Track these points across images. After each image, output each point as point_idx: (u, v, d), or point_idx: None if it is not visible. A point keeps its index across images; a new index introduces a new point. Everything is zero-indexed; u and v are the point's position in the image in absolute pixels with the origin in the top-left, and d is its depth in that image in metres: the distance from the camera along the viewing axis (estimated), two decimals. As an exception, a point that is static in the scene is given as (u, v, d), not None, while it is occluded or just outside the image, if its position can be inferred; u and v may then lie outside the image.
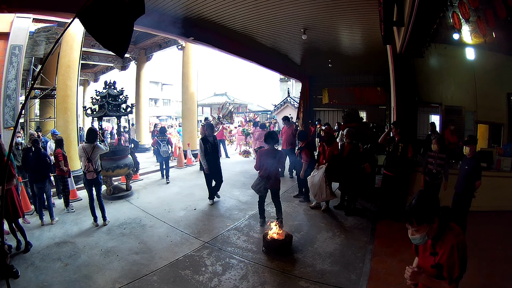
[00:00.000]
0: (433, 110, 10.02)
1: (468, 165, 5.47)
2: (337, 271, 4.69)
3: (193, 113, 15.73)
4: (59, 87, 10.09)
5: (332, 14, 8.33)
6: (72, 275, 4.58)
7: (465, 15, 6.06)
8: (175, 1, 7.64)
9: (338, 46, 11.76)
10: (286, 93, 26.11)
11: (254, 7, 8.08)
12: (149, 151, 17.88)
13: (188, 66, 15.53)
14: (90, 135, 6.69)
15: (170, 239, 5.84)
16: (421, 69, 8.77)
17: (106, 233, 6.17)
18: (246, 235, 6.04)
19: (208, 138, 8.01)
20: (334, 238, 5.87)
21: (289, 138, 10.68)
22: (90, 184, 6.58)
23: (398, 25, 5.35)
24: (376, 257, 5.11)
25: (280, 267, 4.84)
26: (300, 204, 7.88)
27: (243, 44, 11.58)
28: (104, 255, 5.21)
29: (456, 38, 7.98)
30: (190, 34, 9.41)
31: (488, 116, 9.08)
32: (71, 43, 9.99)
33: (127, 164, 8.60)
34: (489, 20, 6.18)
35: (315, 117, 19.80)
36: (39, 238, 5.88)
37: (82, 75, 22.89)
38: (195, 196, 8.68)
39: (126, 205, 7.97)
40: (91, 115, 8.56)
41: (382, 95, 17.73)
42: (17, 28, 8.74)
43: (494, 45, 8.03)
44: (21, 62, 8.92)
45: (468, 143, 5.56)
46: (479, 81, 8.90)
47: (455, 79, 9.15)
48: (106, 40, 2.88)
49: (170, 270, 4.76)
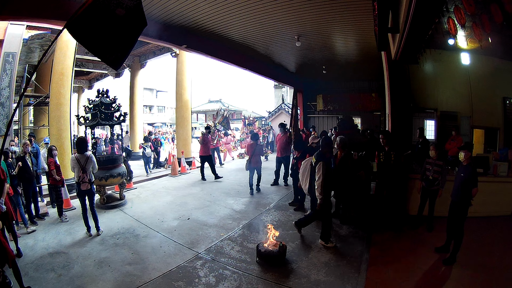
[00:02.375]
0: (429, 115, 10.03)
1: (464, 172, 5.26)
2: (332, 282, 4.63)
3: (187, 120, 15.69)
4: (52, 95, 10.00)
5: (325, 21, 8.35)
6: (65, 286, 4.53)
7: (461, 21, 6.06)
8: (168, 8, 7.64)
9: (332, 52, 11.79)
10: (281, 99, 26.05)
11: (247, 15, 8.10)
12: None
13: (182, 74, 15.53)
14: (80, 145, 6.62)
15: (163, 250, 5.76)
16: (416, 75, 8.76)
17: (99, 243, 6.09)
18: (240, 245, 5.96)
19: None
20: (328, 248, 5.79)
21: (283, 146, 10.65)
22: (84, 195, 6.50)
23: (393, 32, 5.31)
24: (372, 267, 5.05)
25: (274, 278, 4.76)
26: (294, 213, 7.81)
27: (237, 51, 11.62)
28: (97, 266, 5.15)
29: (452, 43, 8.00)
30: (183, 42, 9.41)
31: (484, 121, 9.11)
32: (65, 50, 9.92)
33: (120, 173, 8.52)
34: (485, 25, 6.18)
35: (310, 124, 19.83)
36: (32, 248, 5.82)
37: (76, 82, 22.97)
38: (189, 205, 8.61)
39: (119, 214, 7.88)
40: (84, 124, 8.49)
41: (377, 101, 17.88)
42: (11, 35, 8.70)
43: (489, 50, 8.07)
44: (14, 69, 8.88)
45: (464, 148, 5.41)
46: (474, 86, 8.92)
47: (451, 85, 9.17)
48: (100, 51, 2.83)
49: (163, 281, 4.68)
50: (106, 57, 2.88)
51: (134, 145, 18.00)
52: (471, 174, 5.15)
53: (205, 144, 12.23)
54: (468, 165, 5.27)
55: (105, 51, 2.86)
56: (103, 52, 2.86)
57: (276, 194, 9.78)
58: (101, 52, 2.86)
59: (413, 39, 4.83)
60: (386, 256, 5.40)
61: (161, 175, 13.19)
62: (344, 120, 10.32)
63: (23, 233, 6.50)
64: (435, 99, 9.26)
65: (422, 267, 5.00)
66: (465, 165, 5.30)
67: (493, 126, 9.20)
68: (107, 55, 2.88)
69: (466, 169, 5.24)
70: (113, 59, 2.92)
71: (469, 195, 5.18)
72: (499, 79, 8.83)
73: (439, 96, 9.24)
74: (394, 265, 5.05)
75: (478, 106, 8.96)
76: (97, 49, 2.83)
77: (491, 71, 8.71)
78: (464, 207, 5.16)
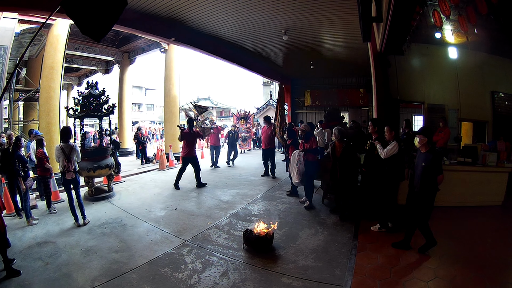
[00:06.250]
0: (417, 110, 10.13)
1: (424, 160, 4.85)
2: (320, 267, 4.65)
3: (175, 116, 15.69)
4: (42, 89, 10.01)
5: (312, 14, 8.39)
6: (52, 274, 4.52)
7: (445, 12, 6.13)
8: (156, 2, 7.62)
9: (319, 47, 11.82)
10: (269, 96, 26.26)
11: (234, 9, 8.14)
12: (132, 154, 17.95)
13: (170, 69, 15.57)
14: (65, 133, 6.67)
15: (150, 238, 5.78)
16: (404, 68, 8.85)
17: (87, 232, 6.09)
18: (227, 233, 5.99)
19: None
20: (316, 235, 5.84)
21: (268, 138, 10.89)
22: (69, 184, 6.53)
23: (377, 21, 5.36)
24: (361, 253, 5.08)
25: (261, 263, 4.78)
26: (282, 203, 7.90)
27: (225, 46, 11.60)
28: (84, 254, 5.15)
29: (438, 37, 8.09)
30: (171, 35, 9.41)
31: (472, 114, 9.20)
32: (55, 44, 9.95)
33: (108, 164, 8.52)
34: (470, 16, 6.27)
35: (298, 119, 19.86)
36: (21, 239, 5.81)
37: (66, 78, 23.00)
38: (176, 196, 8.67)
39: (107, 205, 7.88)
40: (73, 116, 8.46)
41: (364, 97, 18.09)
42: (3, 28, 8.71)
43: (477, 44, 8.17)
44: (6, 63, 8.85)
45: (418, 133, 4.99)
46: (462, 80, 9.01)
47: (438, 78, 9.26)
48: (85, 25, 2.91)
49: (149, 268, 4.69)
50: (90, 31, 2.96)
51: (122, 141, 18.07)
52: (432, 161, 4.77)
53: (190, 143, 9.68)
54: (427, 152, 4.88)
55: (91, 25, 2.93)
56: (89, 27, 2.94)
57: (263, 185, 9.88)
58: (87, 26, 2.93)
59: (397, 28, 4.87)
60: (375, 243, 5.44)
61: (149, 169, 13.23)
62: (330, 112, 10.39)
63: (23, 226, 6.50)
64: (422, 92, 9.34)
65: (412, 253, 5.00)
66: (424, 152, 4.93)
67: (481, 120, 9.31)
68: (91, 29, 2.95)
69: (427, 156, 4.85)
70: (97, 33, 2.99)
71: (433, 184, 4.81)
72: (488, 74, 8.95)
73: (427, 89, 9.31)
74: (383, 251, 5.09)
75: (466, 99, 9.05)
76: (84, 23, 2.90)
77: (479, 65, 8.82)
78: (427, 198, 4.87)
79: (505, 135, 8.39)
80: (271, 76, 18.22)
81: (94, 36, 2.94)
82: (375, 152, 6.09)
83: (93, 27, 2.92)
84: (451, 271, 4.40)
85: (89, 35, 2.94)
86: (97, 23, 2.90)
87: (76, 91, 16.83)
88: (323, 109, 19.08)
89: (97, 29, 2.93)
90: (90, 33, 2.92)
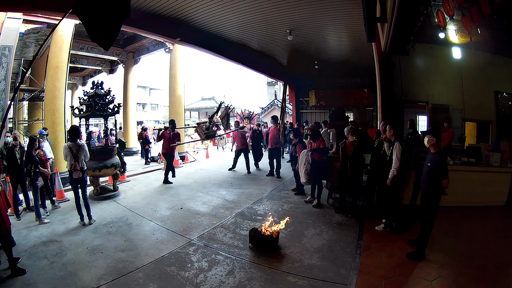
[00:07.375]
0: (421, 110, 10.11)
1: (430, 161, 4.80)
2: (325, 266, 4.67)
3: (180, 116, 15.72)
4: (47, 88, 10.06)
5: (316, 14, 8.41)
6: (57, 272, 4.53)
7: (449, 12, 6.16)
8: (162, 2, 7.65)
9: (324, 47, 11.85)
10: (273, 96, 26.28)
11: (239, 9, 8.17)
12: (137, 154, 17.99)
13: (175, 69, 15.59)
14: (73, 132, 6.69)
15: (156, 237, 5.80)
16: (408, 68, 8.84)
17: (92, 231, 6.11)
18: (233, 232, 6.02)
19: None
20: (321, 234, 5.86)
21: (274, 138, 10.96)
22: (76, 183, 6.53)
23: (382, 21, 5.37)
24: (366, 252, 5.10)
25: (267, 262, 4.81)
26: (287, 202, 7.92)
27: (230, 46, 11.63)
28: (90, 253, 5.17)
29: (442, 37, 8.08)
30: (177, 35, 9.44)
31: (476, 114, 9.19)
32: (60, 44, 9.97)
33: (113, 163, 8.54)
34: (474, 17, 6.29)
35: (302, 119, 19.94)
36: (26, 238, 5.83)
37: (71, 78, 22.93)
38: (182, 196, 8.68)
39: (113, 205, 7.91)
40: (79, 115, 8.49)
41: (369, 97, 18.08)
42: (7, 28, 8.72)
43: (481, 44, 8.17)
44: (10, 62, 8.88)
45: (428, 133, 4.90)
46: (466, 80, 9.00)
47: (442, 78, 9.25)
48: (95, 33, 2.98)
49: (155, 266, 4.72)
50: (100, 39, 3.01)
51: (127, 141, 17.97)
52: (438, 163, 4.65)
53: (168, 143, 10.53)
54: (435, 153, 4.80)
55: (100, 33, 2.99)
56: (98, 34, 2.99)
57: (268, 185, 9.89)
58: (97, 34, 2.99)
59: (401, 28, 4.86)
60: (380, 242, 5.47)
61: (154, 169, 13.30)
62: (335, 112, 10.35)
63: (35, 225, 6.51)
64: (426, 92, 9.33)
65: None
66: (432, 153, 4.85)
67: (485, 120, 9.30)
68: (101, 37, 3.01)
69: (433, 157, 4.77)
70: (105, 41, 3.04)
71: (437, 186, 4.71)
72: (491, 74, 8.94)
73: (431, 89, 9.31)
74: (387, 251, 5.11)
75: (470, 99, 9.04)
76: (94, 31, 2.96)
77: (483, 65, 8.81)
78: (432, 199, 4.79)
79: (509, 135, 8.35)
80: (276, 76, 18.23)
81: (102, 43, 2.99)
82: (381, 151, 6.12)
83: (101, 33, 2.98)
84: (454, 271, 4.42)
85: (98, 41, 2.99)
86: (104, 28, 2.97)
87: (80, 91, 16.89)
88: (327, 109, 19.11)
89: (105, 35, 2.99)
90: (99, 39, 2.98)
